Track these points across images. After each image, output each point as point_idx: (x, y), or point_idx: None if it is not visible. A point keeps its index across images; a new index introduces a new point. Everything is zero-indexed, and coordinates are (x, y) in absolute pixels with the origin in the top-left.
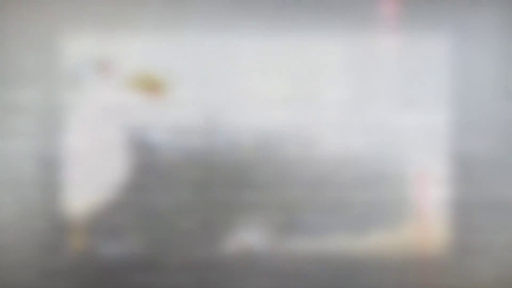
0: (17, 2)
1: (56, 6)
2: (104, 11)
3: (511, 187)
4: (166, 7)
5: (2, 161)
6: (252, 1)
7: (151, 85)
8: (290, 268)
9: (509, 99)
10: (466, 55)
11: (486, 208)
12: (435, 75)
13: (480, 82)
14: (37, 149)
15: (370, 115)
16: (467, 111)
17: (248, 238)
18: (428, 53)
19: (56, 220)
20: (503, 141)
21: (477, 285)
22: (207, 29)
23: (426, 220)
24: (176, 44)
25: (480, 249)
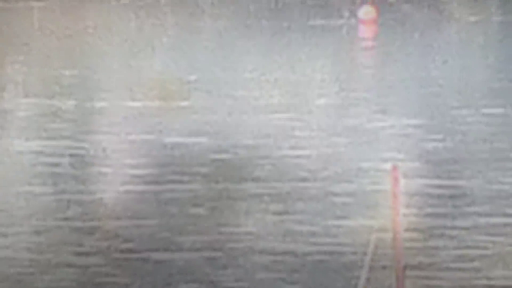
0: (58, 27)
1: (89, 30)
2: (129, 32)
3: (468, 179)
4: (182, 31)
5: (43, 159)
6: (252, 26)
7: (168, 95)
8: (285, 247)
9: (467, 107)
10: (431, 70)
11: (447, 197)
12: (406, 86)
13: (443, 93)
14: (73, 148)
15: (351, 120)
16: (432, 117)
17: (250, 223)
18: (399, 68)
19: (89, 207)
20: (461, 142)
21: (440, 262)
22: (216, 49)
23: (398, 207)
24: (190, 61)
25: (443, 232)
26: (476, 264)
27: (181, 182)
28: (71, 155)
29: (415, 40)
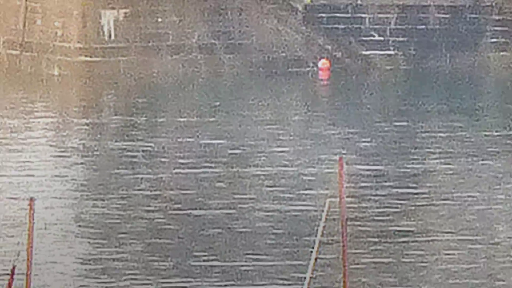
0: (134, 73)
1: (153, 74)
2: (177, 76)
3: (385, 165)
4: (210, 75)
5: (126, 153)
6: (254, 72)
7: (202, 113)
8: (273, 207)
9: (385, 121)
10: (363, 98)
11: (372, 176)
12: (348, 109)
13: (370, 112)
14: (144, 147)
15: (314, 129)
16: (363, 127)
17: (252, 192)
18: (343, 97)
19: (153, 182)
20: (381, 142)
21: (368, 216)
22: (231, 86)
23: (342, 183)
24: (215, 93)
25: (369, 198)
26: (390, 217)
27: (210, 167)
28: (143, 151)
29: (353, 80)
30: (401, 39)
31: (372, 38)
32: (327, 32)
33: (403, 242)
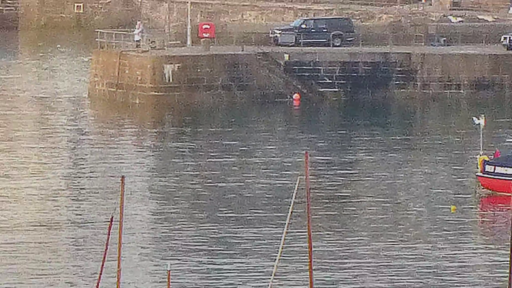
0: (185, 104)
1: (197, 106)
2: (210, 106)
3: (333, 156)
4: (229, 104)
5: (177, 149)
6: (255, 102)
7: (224, 125)
8: (267, 181)
9: (331, 131)
10: (321, 119)
11: (325, 164)
12: (311, 123)
13: (322, 127)
14: (189, 145)
15: (290, 135)
16: (320, 134)
17: (254, 172)
18: (308, 116)
19: (195, 166)
20: (329, 144)
21: (322, 186)
22: (241, 109)
23: (307, 168)
24: (233, 114)
25: (324, 176)
26: (335, 187)
27: (228, 157)
28: (188, 148)
29: (313, 107)
30: (342, 81)
31: (325, 81)
32: (298, 77)
33: (343, 202)
